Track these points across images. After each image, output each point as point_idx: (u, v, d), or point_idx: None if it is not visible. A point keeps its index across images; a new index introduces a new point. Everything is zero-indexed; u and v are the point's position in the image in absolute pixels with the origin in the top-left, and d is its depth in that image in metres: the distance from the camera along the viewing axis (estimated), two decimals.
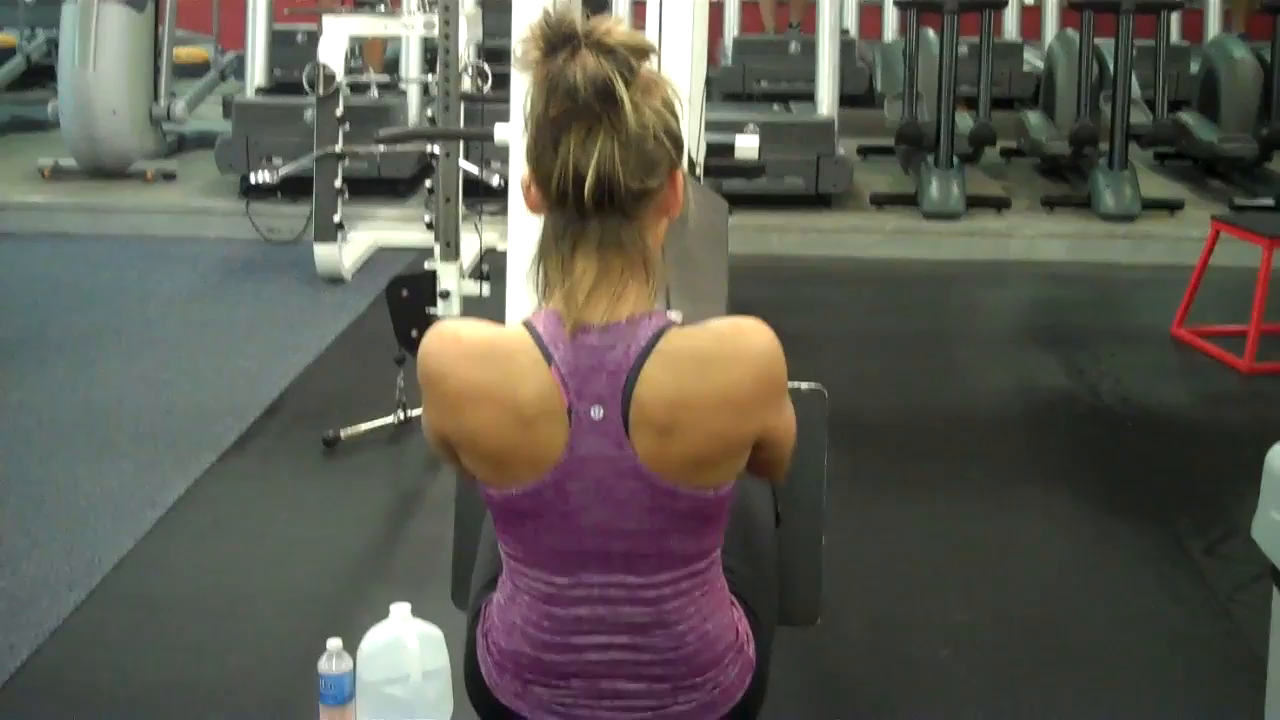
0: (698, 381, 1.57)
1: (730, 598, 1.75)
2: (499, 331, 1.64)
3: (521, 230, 2.86)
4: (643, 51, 1.55)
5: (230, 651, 2.74)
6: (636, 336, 1.57)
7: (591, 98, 1.50)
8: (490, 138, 3.40)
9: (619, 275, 1.57)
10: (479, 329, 1.63)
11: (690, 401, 1.57)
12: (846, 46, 7.78)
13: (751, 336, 1.60)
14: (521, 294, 2.80)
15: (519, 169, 2.82)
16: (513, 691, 1.72)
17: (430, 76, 6.02)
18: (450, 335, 1.63)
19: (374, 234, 6.08)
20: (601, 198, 1.53)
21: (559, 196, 1.54)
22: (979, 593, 3.06)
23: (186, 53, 8.62)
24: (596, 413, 1.57)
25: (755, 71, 8.43)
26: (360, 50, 7.67)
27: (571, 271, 1.57)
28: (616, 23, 1.55)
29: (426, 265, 3.91)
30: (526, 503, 1.62)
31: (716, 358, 1.58)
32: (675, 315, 1.62)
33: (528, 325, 1.60)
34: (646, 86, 1.55)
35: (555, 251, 1.58)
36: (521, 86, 1.60)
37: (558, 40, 1.53)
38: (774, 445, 1.69)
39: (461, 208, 4.02)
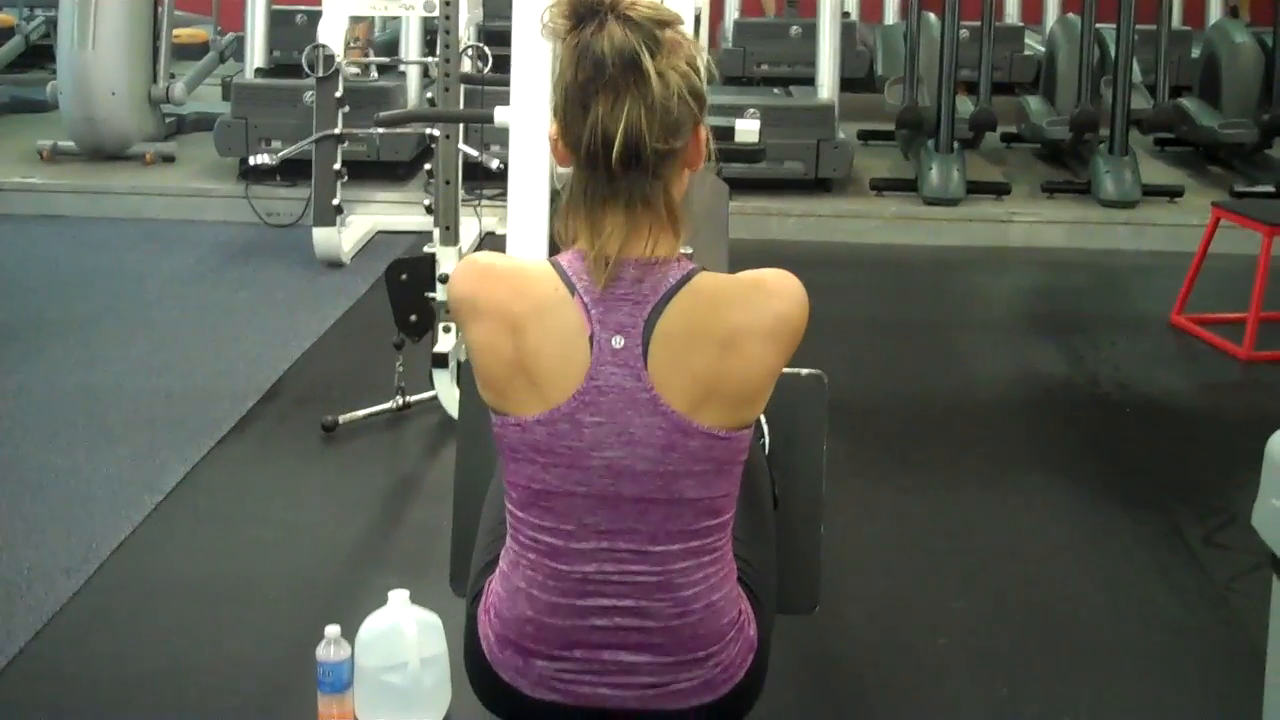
0: (741, 312, 1.62)
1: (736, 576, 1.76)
2: (523, 261, 1.71)
3: (521, 214, 2.85)
4: (666, 23, 1.59)
5: (228, 638, 2.74)
6: (667, 276, 1.62)
7: (619, 69, 1.55)
8: (490, 120, 3.38)
9: (648, 230, 1.62)
10: (503, 257, 1.71)
11: (731, 330, 1.61)
12: (847, 29, 7.75)
13: (790, 279, 1.69)
14: None
15: (519, 152, 2.85)
16: (514, 667, 1.72)
17: (430, 58, 6.01)
18: (473, 259, 1.70)
19: (373, 218, 6.08)
20: (630, 160, 1.58)
21: (589, 158, 1.59)
22: (977, 580, 3.06)
23: (186, 34, 8.60)
24: (617, 342, 1.61)
25: (756, 55, 8.42)
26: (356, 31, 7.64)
27: (601, 229, 1.61)
28: None
29: (426, 249, 3.90)
30: (540, 433, 1.63)
31: (761, 290, 1.65)
32: (688, 250, 1.66)
33: (551, 261, 1.66)
34: (672, 49, 1.59)
35: (584, 208, 1.63)
36: (530, 64, 1.65)
37: (585, 11, 1.57)
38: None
39: (461, 191, 4.00)
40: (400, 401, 3.85)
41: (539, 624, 1.69)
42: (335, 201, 5.31)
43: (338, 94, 5.22)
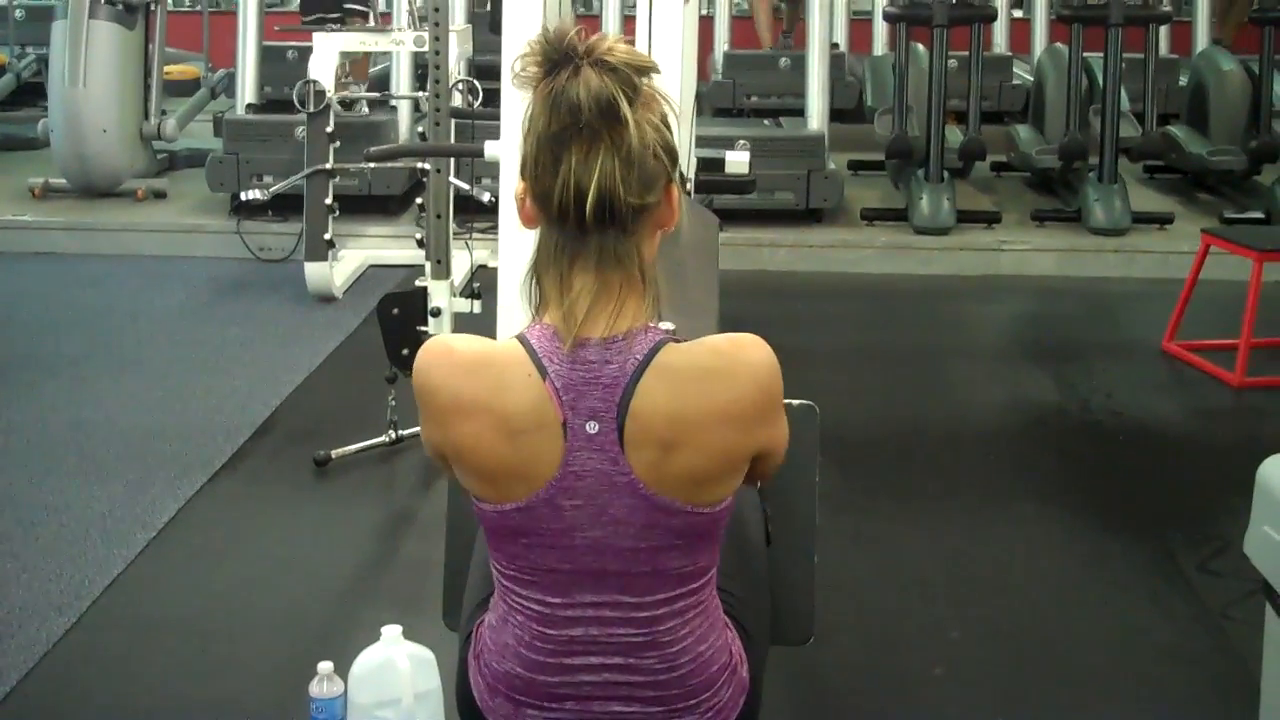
0: (698, 397, 1.57)
1: (724, 619, 1.75)
2: (492, 345, 1.64)
3: (512, 247, 2.85)
4: (645, 69, 1.55)
5: (221, 674, 2.73)
6: (633, 351, 1.57)
7: (595, 116, 1.50)
8: (481, 154, 3.40)
9: (617, 291, 1.57)
10: (471, 342, 1.64)
11: (690, 416, 1.57)
12: (836, 61, 7.79)
13: (751, 351, 1.61)
14: (513, 311, 2.80)
15: (510, 185, 2.85)
16: (505, 714, 1.71)
17: (421, 93, 6.03)
18: (442, 349, 1.64)
19: (365, 252, 6.09)
20: (602, 214, 1.53)
21: (559, 213, 1.54)
22: (971, 609, 3.05)
23: (177, 70, 8.63)
24: (592, 427, 1.57)
25: (745, 86, 8.45)
26: (349, 66, 7.66)
27: (570, 288, 1.57)
28: (617, 40, 1.55)
29: (418, 283, 3.91)
30: (520, 519, 1.61)
31: (717, 373, 1.59)
32: (668, 325, 1.62)
33: (521, 339, 1.60)
34: (646, 102, 1.56)
35: (553, 267, 1.58)
36: (518, 103, 1.60)
37: (559, 57, 1.52)
38: (769, 456, 1.69)
39: (452, 225, 4.01)
40: (393, 436, 3.84)
41: (528, 679, 1.69)
42: (327, 236, 5.32)
43: (329, 129, 5.24)
